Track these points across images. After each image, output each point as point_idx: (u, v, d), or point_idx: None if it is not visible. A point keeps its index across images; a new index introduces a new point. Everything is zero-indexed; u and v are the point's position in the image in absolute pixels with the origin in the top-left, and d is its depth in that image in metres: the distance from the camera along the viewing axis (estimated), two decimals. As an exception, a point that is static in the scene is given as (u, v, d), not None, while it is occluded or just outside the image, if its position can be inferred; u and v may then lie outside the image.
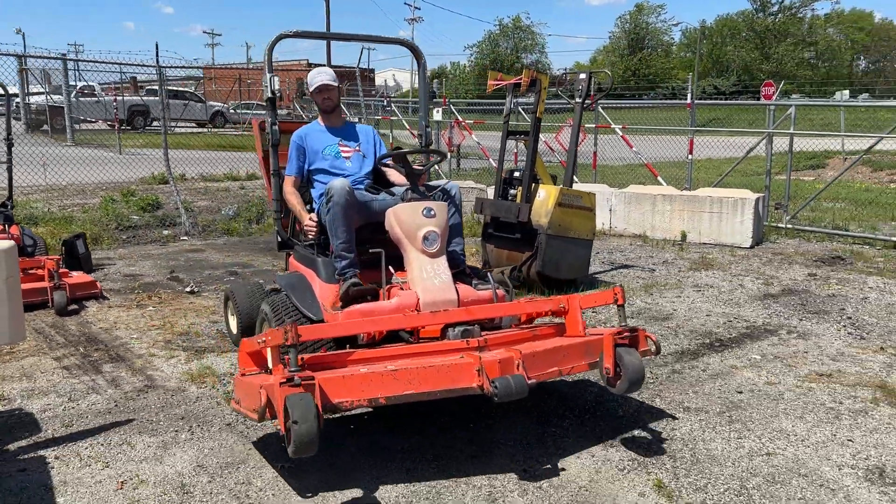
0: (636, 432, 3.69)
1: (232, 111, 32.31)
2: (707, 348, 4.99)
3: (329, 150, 4.47)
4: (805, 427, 3.73)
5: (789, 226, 9.64)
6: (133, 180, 12.95)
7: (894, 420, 3.80)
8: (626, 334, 3.39)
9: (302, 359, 3.10)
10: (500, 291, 3.95)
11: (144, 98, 27.49)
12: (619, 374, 3.30)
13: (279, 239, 4.84)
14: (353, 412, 3.56)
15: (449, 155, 4.39)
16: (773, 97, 25.67)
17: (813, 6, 62.24)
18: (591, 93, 7.02)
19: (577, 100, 6.89)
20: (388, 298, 3.75)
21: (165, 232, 9.58)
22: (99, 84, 26.24)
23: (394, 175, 4.54)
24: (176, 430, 3.71)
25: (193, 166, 14.29)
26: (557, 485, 3.15)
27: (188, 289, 6.68)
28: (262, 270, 7.58)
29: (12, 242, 3.24)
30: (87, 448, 3.51)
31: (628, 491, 3.11)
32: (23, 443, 3.56)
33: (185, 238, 9.44)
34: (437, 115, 13.63)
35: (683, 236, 9.13)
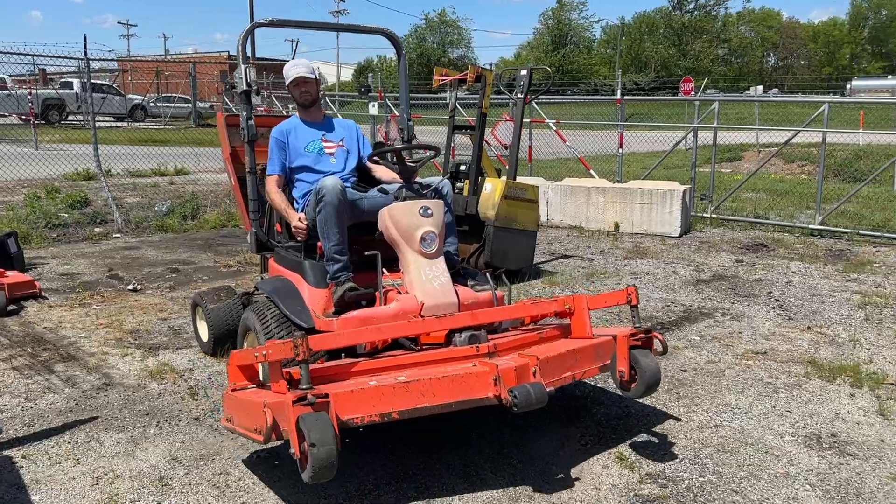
0: (593, 411, 3.90)
1: (152, 104, 31.37)
2: (650, 331, 5.26)
3: (312, 147, 4.19)
4: (747, 401, 4.02)
5: (714, 215, 10.15)
6: (55, 176, 12.50)
7: (825, 392, 4.14)
8: (640, 336, 3.30)
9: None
10: (499, 292, 3.82)
11: (59, 91, 26.40)
12: (634, 378, 3.23)
13: (257, 241, 4.48)
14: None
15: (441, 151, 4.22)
16: (693, 93, 26.76)
17: (726, 4, 64.99)
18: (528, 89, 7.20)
19: (519, 95, 7.08)
20: (385, 303, 3.55)
21: (97, 229, 9.31)
22: (10, 77, 25.09)
23: (381, 171, 4.31)
24: (143, 426, 3.71)
25: (118, 162, 13.88)
26: (527, 461, 3.32)
27: (130, 287, 6.56)
28: (205, 267, 7.50)
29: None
30: (53, 446, 3.47)
31: (592, 464, 3.31)
32: (-16, 444, 3.50)
33: (118, 235, 9.20)
34: (373, 109, 13.67)
35: (616, 227, 9.49)
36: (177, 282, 6.85)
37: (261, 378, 3.23)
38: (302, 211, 4.07)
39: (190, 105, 27.59)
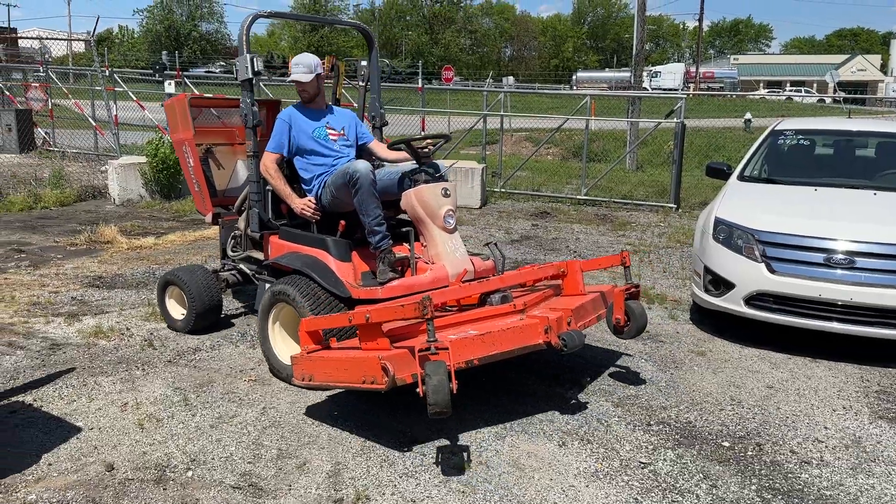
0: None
1: None
2: (493, 278, 6.64)
3: (318, 133, 4.51)
4: (583, 317, 5.52)
5: (503, 190, 11.94)
6: None
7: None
8: (633, 290, 4.09)
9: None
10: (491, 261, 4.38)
11: None
12: (628, 323, 3.97)
13: (259, 220, 4.63)
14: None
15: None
16: (452, 81, 29.17)
17: (469, -5, 69.67)
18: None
19: (361, 83, 8.05)
20: (417, 273, 3.97)
21: None
22: None
23: (383, 152, 4.79)
24: (126, 370, 4.27)
25: None
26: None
27: (-13, 267, 6.56)
28: (49, 247, 7.57)
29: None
30: (56, 391, 3.95)
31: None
32: (-17, 396, 3.84)
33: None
34: (170, 87, 13.65)
35: (426, 200, 10.84)
36: (33, 261, 6.94)
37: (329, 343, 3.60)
38: (318, 192, 4.44)
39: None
